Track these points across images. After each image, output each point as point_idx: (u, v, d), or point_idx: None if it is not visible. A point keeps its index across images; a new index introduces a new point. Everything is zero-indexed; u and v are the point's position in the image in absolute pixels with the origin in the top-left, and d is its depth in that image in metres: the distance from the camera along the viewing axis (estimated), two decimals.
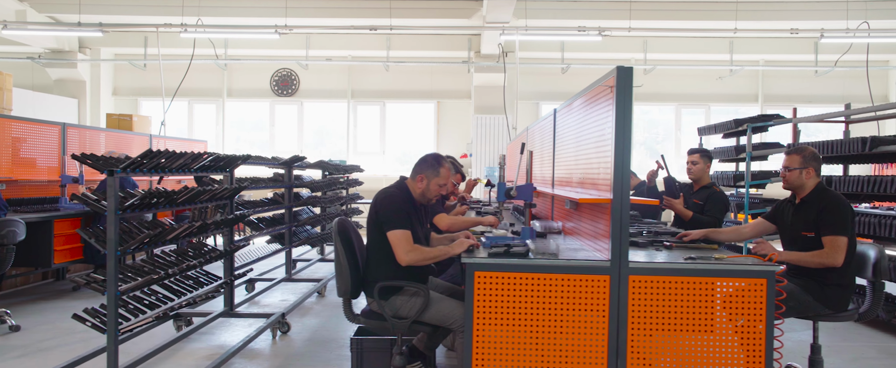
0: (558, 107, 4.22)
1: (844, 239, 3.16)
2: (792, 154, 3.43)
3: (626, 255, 2.82)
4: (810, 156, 3.39)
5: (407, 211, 2.98)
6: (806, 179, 3.39)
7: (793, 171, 3.40)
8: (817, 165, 3.40)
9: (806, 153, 3.40)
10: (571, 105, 3.78)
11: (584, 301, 2.82)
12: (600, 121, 3.13)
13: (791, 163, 3.41)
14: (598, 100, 3.23)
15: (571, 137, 3.78)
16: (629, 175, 2.84)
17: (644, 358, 2.82)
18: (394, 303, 2.98)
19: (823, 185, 3.42)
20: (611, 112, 3.10)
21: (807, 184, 3.40)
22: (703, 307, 2.81)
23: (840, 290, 3.26)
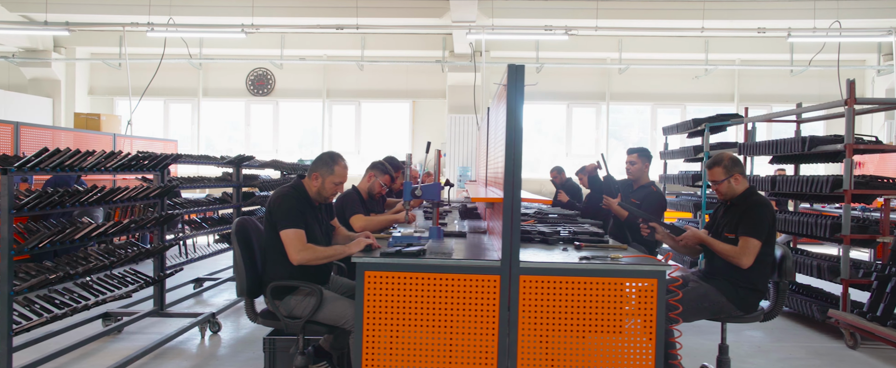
0: (490, 106, 4.21)
1: (757, 242, 3.16)
2: (713, 167, 3.42)
3: (517, 255, 2.80)
4: (730, 164, 3.38)
5: (301, 210, 2.97)
6: (736, 186, 3.38)
7: (721, 183, 3.39)
8: (740, 169, 3.39)
9: (725, 162, 3.39)
10: (495, 104, 3.77)
11: (475, 301, 2.80)
12: (501, 119, 3.12)
13: (716, 177, 3.41)
14: (503, 98, 3.22)
15: (492, 137, 3.77)
16: (520, 173, 2.82)
17: (535, 359, 2.80)
18: (289, 303, 2.97)
19: (752, 189, 3.41)
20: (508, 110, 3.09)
21: (738, 189, 3.39)
22: (594, 307, 2.79)
23: (751, 292, 3.25)
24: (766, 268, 3.25)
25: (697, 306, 3.22)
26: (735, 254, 3.16)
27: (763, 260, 3.21)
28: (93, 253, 3.78)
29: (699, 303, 3.22)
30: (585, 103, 12.42)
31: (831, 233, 4.71)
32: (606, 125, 12.27)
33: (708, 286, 3.27)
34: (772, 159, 6.04)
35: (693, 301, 3.22)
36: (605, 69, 12.08)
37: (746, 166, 6.41)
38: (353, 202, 4.04)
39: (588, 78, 12.28)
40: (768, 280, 3.31)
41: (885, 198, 4.53)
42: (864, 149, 4.76)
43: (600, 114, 12.38)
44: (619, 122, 12.93)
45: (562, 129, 12.60)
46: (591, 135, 12.49)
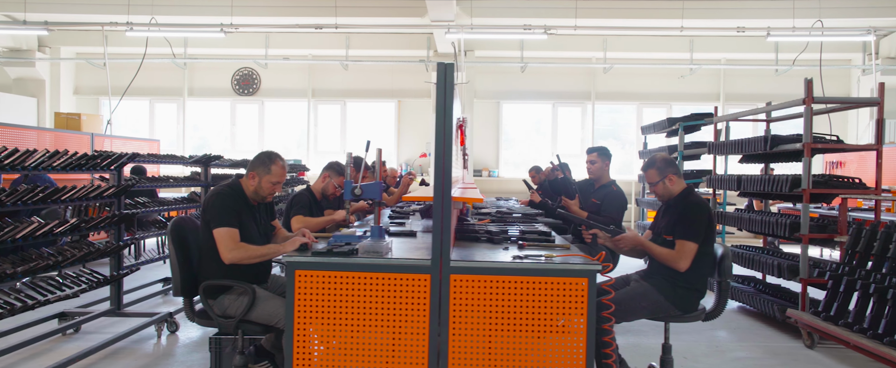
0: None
1: (693, 245, 3.14)
2: (647, 169, 3.42)
3: (447, 254, 2.80)
4: (663, 164, 3.37)
5: (235, 208, 2.97)
6: (671, 186, 3.37)
7: (657, 185, 3.39)
8: (674, 169, 3.38)
9: (658, 163, 3.38)
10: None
11: (406, 300, 2.80)
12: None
13: (651, 179, 3.40)
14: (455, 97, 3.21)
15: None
16: (450, 172, 2.82)
17: (466, 358, 2.80)
18: (222, 302, 2.97)
19: (689, 190, 3.40)
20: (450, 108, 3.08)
21: (674, 190, 3.38)
22: (525, 306, 2.79)
23: (690, 292, 3.24)
24: (704, 268, 3.24)
25: (636, 305, 3.21)
26: (672, 258, 3.15)
27: (702, 259, 3.20)
28: (44, 252, 3.78)
29: (637, 303, 3.21)
30: (571, 103, 12.40)
31: (791, 233, 4.70)
32: (592, 124, 12.25)
33: (647, 285, 3.27)
34: (742, 158, 6.02)
35: (631, 300, 3.22)
36: (591, 69, 12.07)
37: (718, 165, 6.39)
38: (299, 202, 4.04)
39: (574, 77, 12.27)
40: (708, 279, 3.30)
41: (843, 198, 4.52)
42: (823, 149, 4.74)
43: (586, 114, 12.36)
44: (617, 121, 12.91)
45: (547, 129, 12.58)
46: (578, 135, 12.47)
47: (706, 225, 3.19)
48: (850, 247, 4.14)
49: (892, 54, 11.05)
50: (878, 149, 4.60)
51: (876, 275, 3.80)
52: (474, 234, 3.66)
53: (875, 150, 4.61)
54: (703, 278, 3.25)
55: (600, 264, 2.89)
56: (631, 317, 3.26)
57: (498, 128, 12.45)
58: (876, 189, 4.64)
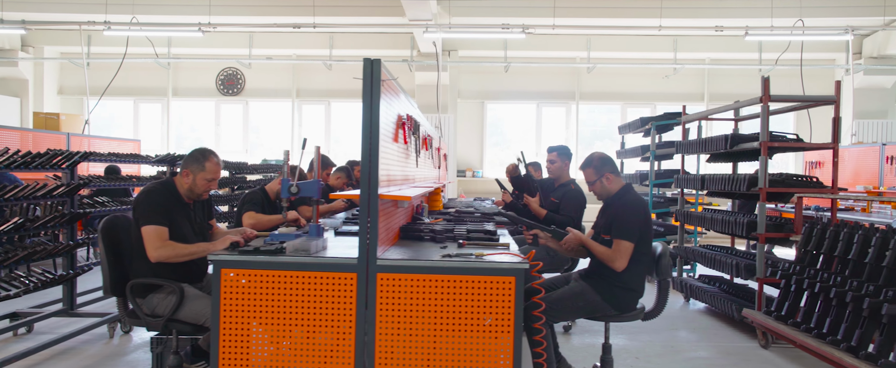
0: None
1: (629, 244, 3.13)
2: (585, 168, 3.41)
3: (374, 253, 2.79)
4: (600, 163, 3.36)
5: (165, 206, 2.95)
6: (609, 185, 3.36)
7: (595, 184, 3.38)
8: (611, 168, 3.37)
9: (595, 162, 3.37)
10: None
11: (333, 299, 2.79)
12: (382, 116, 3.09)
13: (589, 178, 3.39)
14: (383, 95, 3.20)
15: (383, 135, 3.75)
16: (377, 171, 2.80)
17: (393, 357, 2.79)
18: (151, 301, 2.96)
19: (626, 189, 3.38)
20: (386, 107, 3.08)
21: (611, 189, 3.37)
22: (452, 305, 2.78)
23: (626, 292, 3.23)
24: (641, 268, 3.22)
25: (572, 305, 3.20)
26: (609, 257, 3.14)
27: (638, 259, 3.18)
28: None
29: (574, 302, 3.20)
30: (556, 103, 12.39)
31: (748, 232, 4.69)
32: (576, 124, 12.24)
33: (585, 285, 3.25)
34: (709, 158, 6.01)
35: (568, 299, 3.21)
36: (575, 68, 12.05)
37: (687, 165, 6.37)
38: (251, 201, 4.02)
39: (558, 77, 12.25)
40: (645, 279, 3.28)
41: (798, 197, 4.50)
42: (780, 147, 4.73)
43: (570, 114, 12.35)
44: (600, 121, 12.88)
45: (532, 129, 12.57)
46: (562, 135, 12.45)
47: (642, 224, 3.18)
48: (802, 246, 4.13)
49: (875, 54, 11.02)
50: (834, 148, 4.59)
51: (823, 274, 3.78)
52: (419, 233, 3.65)
53: (831, 149, 4.59)
54: (640, 278, 3.23)
55: (529, 263, 2.89)
56: (568, 316, 3.25)
57: (482, 128, 12.44)
58: (832, 188, 4.62)
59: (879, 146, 7.98)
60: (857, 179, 8.40)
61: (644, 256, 3.23)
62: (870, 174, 8.15)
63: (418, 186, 4.46)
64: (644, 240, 3.20)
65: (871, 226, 3.64)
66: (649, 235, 3.26)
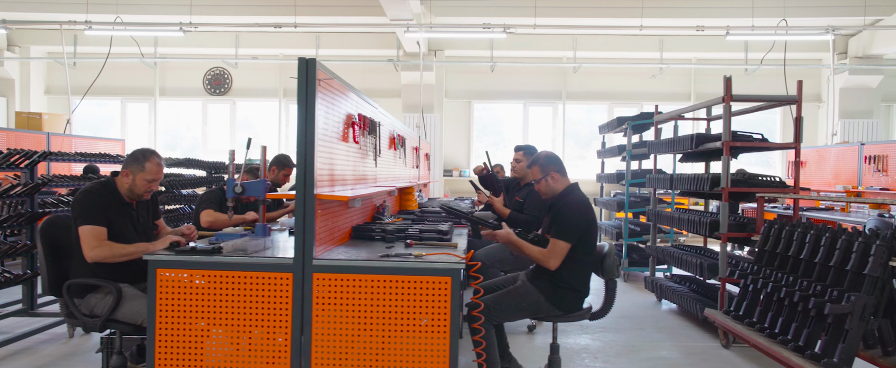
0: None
1: (565, 244, 3.12)
2: (532, 166, 3.41)
3: (310, 252, 2.79)
4: (546, 162, 3.36)
5: (103, 206, 2.95)
6: (553, 184, 3.36)
7: (540, 182, 3.38)
8: (556, 167, 3.36)
9: (540, 161, 3.37)
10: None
11: (269, 299, 2.79)
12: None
13: (535, 176, 3.39)
14: (329, 95, 3.20)
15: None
16: (313, 171, 2.79)
17: (330, 357, 2.78)
18: (90, 301, 2.96)
19: (571, 189, 3.37)
20: (330, 106, 3.08)
21: (556, 188, 3.36)
22: (388, 305, 2.77)
23: (569, 292, 3.22)
24: (584, 268, 3.21)
25: (515, 305, 3.19)
26: (542, 257, 3.13)
27: (580, 259, 3.18)
28: None
29: (517, 302, 3.19)
30: (542, 102, 12.38)
31: (711, 231, 4.68)
32: (563, 124, 12.22)
33: (529, 285, 3.25)
34: (682, 158, 5.99)
35: (512, 299, 3.20)
36: (562, 68, 12.04)
37: (658, 163, 6.35)
38: (209, 199, 4.02)
39: (544, 77, 12.24)
40: (589, 279, 3.27)
41: (759, 197, 4.49)
42: (742, 147, 4.72)
43: (557, 114, 12.33)
44: (586, 121, 12.86)
45: (519, 128, 12.56)
46: (549, 134, 12.44)
47: (582, 224, 3.17)
48: (760, 246, 4.12)
49: (860, 54, 11.00)
50: (796, 148, 4.58)
51: (776, 274, 3.77)
52: (371, 233, 3.65)
53: (794, 148, 4.58)
54: (583, 278, 3.22)
55: (466, 263, 2.88)
56: (511, 316, 3.24)
57: (469, 128, 12.43)
58: (794, 187, 4.61)
59: (858, 146, 7.96)
60: (837, 179, 8.38)
61: (587, 256, 3.22)
62: (850, 174, 8.14)
63: (378, 186, 4.46)
64: (586, 241, 3.19)
65: (822, 226, 3.63)
66: (592, 236, 3.24)
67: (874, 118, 11.41)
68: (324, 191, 2.97)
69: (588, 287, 3.27)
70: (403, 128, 6.28)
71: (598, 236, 3.34)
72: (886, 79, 11.76)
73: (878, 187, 7.44)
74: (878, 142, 7.92)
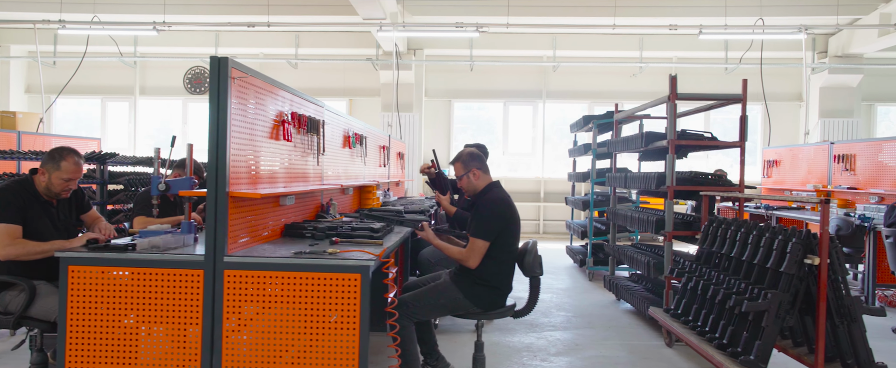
0: None
1: (483, 243, 3.13)
2: (454, 163, 3.42)
3: (222, 250, 2.79)
4: (468, 159, 3.36)
5: (17, 204, 2.96)
6: (475, 181, 3.36)
7: (462, 179, 3.39)
8: (478, 165, 3.36)
9: (463, 157, 3.37)
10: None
11: (180, 296, 2.79)
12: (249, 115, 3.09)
13: (457, 172, 3.40)
14: (257, 93, 3.22)
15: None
16: (225, 169, 2.80)
17: (241, 354, 2.79)
18: (4, 298, 2.97)
19: (491, 186, 3.37)
20: (243, 105, 3.08)
21: (478, 185, 3.37)
22: (299, 302, 2.78)
23: (489, 290, 3.22)
24: (503, 266, 3.21)
25: (434, 302, 3.20)
26: (462, 256, 3.14)
27: (499, 257, 3.18)
28: None
29: (436, 299, 3.19)
30: (522, 101, 12.38)
31: (657, 230, 4.68)
32: (543, 122, 12.23)
33: (450, 283, 3.25)
34: (640, 156, 6.00)
35: (431, 297, 3.20)
36: (542, 67, 12.05)
37: (617, 161, 6.35)
38: (142, 202, 4.02)
39: (525, 76, 12.25)
40: (508, 277, 3.27)
41: (704, 195, 4.49)
42: (687, 145, 4.72)
43: (537, 112, 12.34)
44: (567, 120, 12.85)
45: (499, 127, 12.56)
46: (529, 133, 12.45)
47: (500, 222, 3.17)
48: (700, 244, 4.12)
49: (839, 53, 10.99)
50: (741, 146, 4.57)
51: (710, 272, 3.78)
52: (301, 231, 3.65)
53: (739, 147, 4.58)
54: (502, 276, 3.22)
55: (379, 260, 2.89)
56: (431, 314, 3.24)
57: (449, 127, 12.43)
58: (739, 186, 4.61)
59: (828, 145, 7.96)
60: (809, 178, 8.38)
61: (505, 254, 3.22)
62: (822, 173, 8.14)
63: (324, 184, 4.47)
64: (505, 239, 3.19)
65: (753, 224, 3.63)
66: (511, 234, 3.24)
67: (855, 117, 11.40)
68: (242, 189, 2.98)
69: (508, 284, 3.27)
70: (363, 126, 6.29)
71: (518, 234, 3.34)
72: (867, 79, 11.77)
73: (846, 186, 7.44)
74: (846, 141, 7.91)
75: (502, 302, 3.25)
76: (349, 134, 5.56)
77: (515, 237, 3.27)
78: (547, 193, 12.03)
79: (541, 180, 12.06)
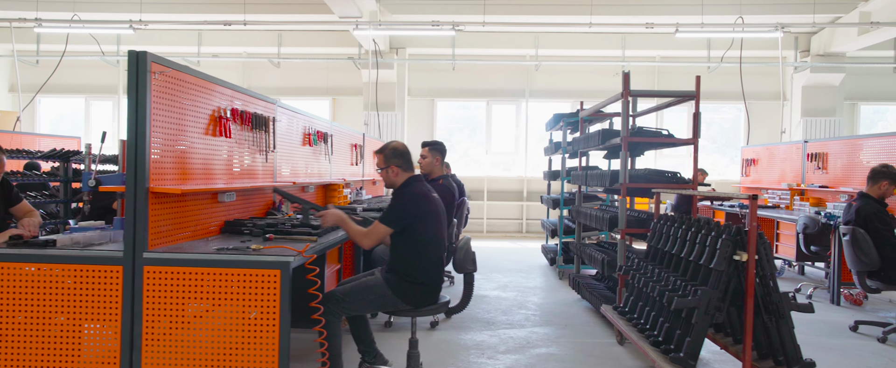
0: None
1: (384, 228, 3.16)
2: (378, 155, 3.40)
3: (142, 246, 2.78)
4: (390, 154, 3.34)
5: None
6: (393, 176, 3.35)
7: (382, 172, 3.37)
8: (399, 161, 3.33)
9: (386, 152, 3.36)
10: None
11: (99, 293, 2.78)
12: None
13: (379, 165, 3.39)
14: (188, 89, 3.20)
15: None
16: (145, 166, 2.78)
17: (161, 350, 2.77)
18: None
19: (409, 181, 3.34)
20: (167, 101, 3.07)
21: (396, 181, 3.36)
22: (221, 299, 2.77)
23: (416, 286, 3.19)
24: (427, 263, 3.19)
25: (363, 298, 3.18)
26: (359, 235, 3.18)
27: (421, 252, 3.16)
28: None
29: (365, 296, 3.18)
30: (505, 100, 12.37)
31: (611, 227, 4.67)
32: (526, 121, 12.21)
33: (379, 279, 3.23)
34: (607, 154, 5.98)
35: (360, 293, 3.19)
36: (525, 66, 12.03)
37: (590, 160, 6.34)
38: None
39: (508, 75, 12.24)
40: (436, 273, 3.24)
41: (656, 193, 4.47)
42: (641, 142, 4.70)
43: (520, 111, 12.32)
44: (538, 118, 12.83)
45: (482, 126, 12.54)
46: (512, 132, 12.43)
47: (408, 213, 3.15)
48: (649, 241, 4.10)
49: (821, 51, 10.96)
50: (694, 143, 4.55)
51: (654, 269, 3.76)
52: (241, 227, 3.63)
53: (692, 144, 4.56)
54: (429, 272, 3.19)
55: (302, 255, 2.87)
56: (361, 310, 3.22)
57: (432, 126, 12.42)
58: (693, 183, 4.59)
59: (802, 143, 7.93)
60: (783, 176, 8.35)
61: (425, 248, 3.18)
62: (796, 171, 8.12)
63: (278, 181, 4.46)
64: (417, 232, 3.16)
65: (697, 220, 3.61)
66: (426, 229, 3.19)
67: (838, 116, 11.37)
68: (167, 185, 2.96)
69: (436, 281, 3.24)
70: (329, 124, 6.28)
71: (441, 230, 3.31)
72: (850, 78, 11.75)
73: (818, 184, 7.42)
74: (819, 140, 7.89)
75: (433, 298, 3.23)
76: (310, 131, 5.55)
77: (438, 233, 3.24)
78: (530, 192, 12.01)
79: (524, 179, 12.04)
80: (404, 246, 3.17)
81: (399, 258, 3.19)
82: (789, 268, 7.67)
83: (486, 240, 10.83)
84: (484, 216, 11.85)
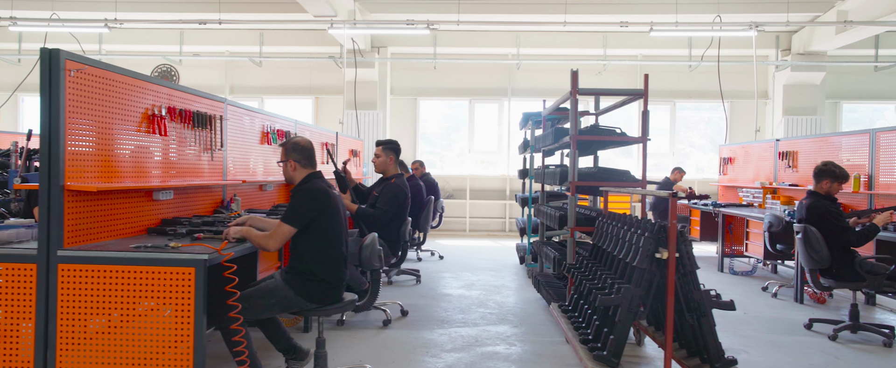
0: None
1: (288, 228, 3.06)
2: (281, 148, 3.37)
3: (57, 243, 2.77)
4: (291, 148, 3.31)
5: None
6: (292, 172, 3.31)
7: (282, 166, 3.35)
8: (298, 156, 3.29)
9: (287, 146, 3.32)
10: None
11: (13, 289, 2.77)
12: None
13: (281, 158, 3.36)
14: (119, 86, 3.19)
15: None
16: (60, 165, 2.77)
17: (75, 348, 2.77)
18: None
19: (309, 178, 3.29)
20: (88, 99, 3.06)
21: (295, 176, 3.32)
22: (137, 297, 2.76)
23: (319, 284, 3.14)
24: (331, 259, 3.15)
25: (266, 301, 3.13)
26: (261, 240, 3.05)
27: (321, 249, 3.13)
28: None
29: (267, 298, 3.13)
30: (488, 99, 12.35)
31: (560, 225, 4.65)
32: (508, 120, 12.19)
33: (279, 280, 3.19)
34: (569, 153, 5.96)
35: (262, 296, 3.14)
36: (507, 65, 12.02)
37: (557, 158, 6.32)
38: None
39: (490, 73, 12.22)
40: (338, 270, 3.21)
41: (605, 191, 4.45)
42: (591, 141, 4.68)
43: (503, 110, 12.31)
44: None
45: (465, 125, 12.53)
46: (494, 131, 12.42)
47: (309, 210, 3.10)
48: (593, 239, 4.09)
49: (802, 50, 10.93)
50: (643, 142, 4.53)
51: (593, 268, 3.74)
52: (176, 226, 3.62)
53: (642, 142, 4.54)
54: (330, 269, 3.15)
55: (219, 254, 2.86)
56: (265, 312, 3.16)
57: (415, 125, 12.41)
58: (642, 181, 4.57)
59: (773, 142, 7.91)
60: (757, 175, 8.33)
61: (327, 244, 3.15)
62: (769, 170, 8.09)
63: (220, 180, 4.45)
64: (320, 229, 3.12)
65: (631, 218, 3.59)
66: (328, 225, 3.14)
67: (819, 115, 11.34)
68: (87, 183, 2.95)
69: (339, 277, 3.19)
70: (293, 123, 6.26)
71: (342, 227, 3.28)
72: (831, 77, 11.72)
73: (788, 183, 7.39)
74: (789, 139, 7.87)
75: (336, 295, 3.19)
76: (269, 130, 5.54)
77: (337, 230, 3.21)
78: (513, 191, 11.99)
79: (507, 178, 12.02)
80: (303, 243, 3.13)
81: (299, 256, 3.15)
82: (763, 267, 7.65)
83: (467, 239, 10.82)
84: (466, 215, 11.84)
